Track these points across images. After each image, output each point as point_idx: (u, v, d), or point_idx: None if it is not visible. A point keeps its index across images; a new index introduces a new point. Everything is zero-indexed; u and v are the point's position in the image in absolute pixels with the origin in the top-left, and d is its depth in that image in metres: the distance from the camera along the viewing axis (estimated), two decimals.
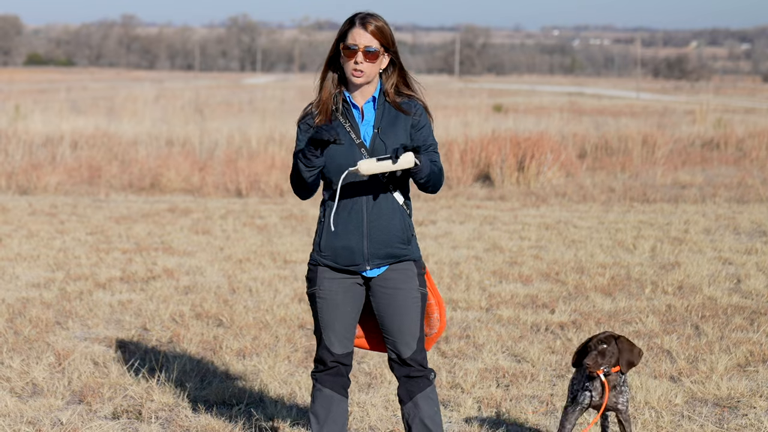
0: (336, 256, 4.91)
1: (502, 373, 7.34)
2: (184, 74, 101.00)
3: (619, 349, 5.49)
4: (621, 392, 5.53)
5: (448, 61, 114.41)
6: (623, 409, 5.53)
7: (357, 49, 4.83)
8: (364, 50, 4.83)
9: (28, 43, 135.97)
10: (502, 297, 9.66)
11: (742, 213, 15.12)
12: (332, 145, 4.81)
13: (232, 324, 8.70)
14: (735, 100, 50.30)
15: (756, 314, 9.04)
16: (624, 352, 5.49)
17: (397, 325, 4.96)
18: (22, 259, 11.46)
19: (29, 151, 20.48)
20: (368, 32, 4.84)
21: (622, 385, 5.53)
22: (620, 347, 5.49)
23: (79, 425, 6.26)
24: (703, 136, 24.94)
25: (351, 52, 4.84)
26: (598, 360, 5.44)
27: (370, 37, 4.84)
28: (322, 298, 4.96)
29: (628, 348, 5.50)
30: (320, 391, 5.06)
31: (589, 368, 5.42)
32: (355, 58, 4.83)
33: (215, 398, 6.81)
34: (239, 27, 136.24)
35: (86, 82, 69.86)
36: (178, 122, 26.21)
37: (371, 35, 4.84)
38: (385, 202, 4.89)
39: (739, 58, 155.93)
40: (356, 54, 4.83)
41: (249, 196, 17.27)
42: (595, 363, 5.43)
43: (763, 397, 6.83)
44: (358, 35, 4.84)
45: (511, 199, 16.87)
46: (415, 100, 4.98)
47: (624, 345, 5.50)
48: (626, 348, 5.50)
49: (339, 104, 4.93)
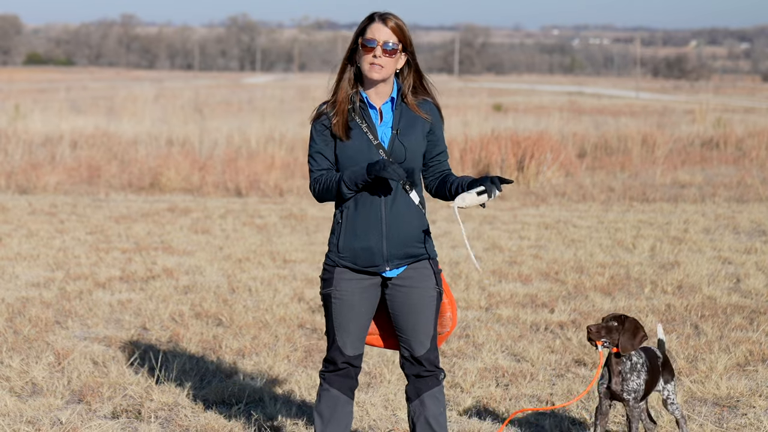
0: (355, 257, 4.91)
1: (502, 373, 7.34)
2: (183, 74, 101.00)
3: (624, 328, 5.41)
4: (626, 380, 5.44)
5: (447, 60, 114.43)
6: (628, 399, 5.44)
7: (376, 44, 4.83)
8: (383, 46, 4.83)
9: (27, 42, 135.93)
10: (502, 296, 9.66)
11: (742, 212, 15.12)
12: (350, 145, 4.84)
13: (232, 323, 8.70)
14: (734, 99, 50.30)
15: (755, 313, 9.04)
16: (625, 332, 5.41)
17: (412, 324, 4.97)
18: (21, 258, 11.46)
19: (29, 151, 20.48)
20: (388, 28, 4.85)
21: (629, 371, 5.44)
22: (625, 327, 5.41)
23: (79, 425, 6.26)
24: (703, 135, 24.94)
25: (369, 47, 4.84)
26: (601, 331, 5.41)
27: (390, 32, 4.84)
28: (338, 299, 4.96)
29: (631, 330, 5.41)
30: (327, 390, 5.06)
31: (589, 332, 5.40)
32: (374, 53, 4.83)
33: (215, 398, 6.80)
34: (239, 26, 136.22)
35: (86, 81, 69.85)
36: (178, 122, 26.23)
37: (391, 31, 4.84)
38: (402, 203, 4.90)
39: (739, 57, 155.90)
40: (375, 49, 4.83)
41: (248, 196, 17.27)
42: (597, 331, 5.40)
43: (763, 396, 6.83)
44: (377, 30, 4.84)
45: (511, 199, 16.87)
46: (429, 103, 4.99)
47: (628, 326, 5.41)
48: (629, 330, 5.41)
49: (356, 104, 4.92)
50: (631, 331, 5.41)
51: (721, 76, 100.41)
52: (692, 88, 67.82)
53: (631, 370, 5.45)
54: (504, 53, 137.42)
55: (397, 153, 4.87)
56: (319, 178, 4.91)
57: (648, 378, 5.51)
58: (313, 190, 4.93)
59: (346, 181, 4.79)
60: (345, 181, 4.80)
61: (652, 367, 5.56)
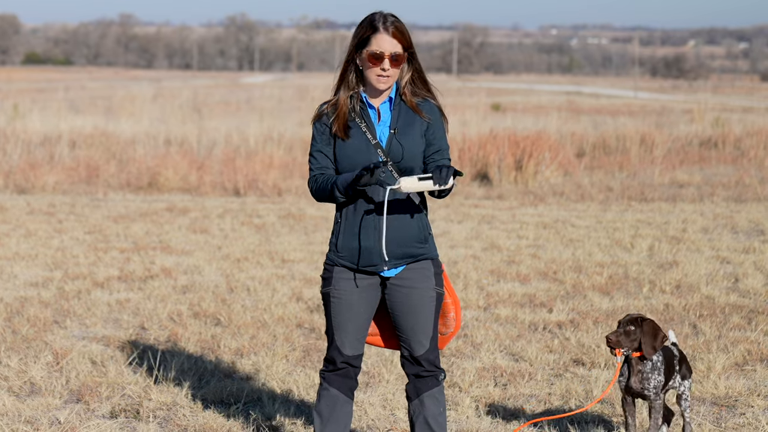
0: (353, 256, 4.91)
1: (500, 372, 7.34)
2: (182, 73, 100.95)
3: (643, 332, 5.46)
4: (647, 378, 5.51)
5: (446, 60, 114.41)
6: (650, 395, 5.53)
7: (384, 56, 4.79)
8: (390, 57, 4.80)
9: (26, 42, 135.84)
10: (500, 296, 9.67)
11: (740, 212, 15.13)
12: (349, 145, 4.83)
13: (230, 323, 8.70)
14: (733, 99, 50.30)
15: (754, 313, 9.05)
16: (646, 335, 5.45)
17: (411, 324, 4.97)
18: (20, 258, 11.45)
19: (27, 150, 20.47)
20: (392, 36, 4.80)
21: (650, 371, 5.51)
22: (644, 330, 5.46)
23: (77, 424, 6.26)
24: (701, 135, 24.94)
25: (377, 60, 4.80)
26: (620, 338, 5.46)
27: (395, 41, 4.80)
28: (337, 298, 4.96)
29: (651, 333, 5.46)
30: (327, 390, 5.06)
31: (609, 342, 5.46)
32: (382, 65, 4.80)
33: (213, 397, 6.80)
34: (237, 26, 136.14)
35: (84, 81, 69.81)
36: (176, 121, 26.22)
37: (395, 39, 4.80)
38: (402, 203, 4.89)
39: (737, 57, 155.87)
40: (383, 61, 4.80)
41: (247, 195, 17.27)
42: (617, 340, 5.45)
43: (761, 395, 6.83)
44: (383, 41, 4.80)
45: (509, 198, 16.87)
46: (430, 102, 4.96)
47: (647, 329, 5.46)
48: (649, 332, 5.46)
49: (356, 105, 4.91)
50: (651, 334, 5.47)
51: (720, 75, 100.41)
52: (690, 87, 67.82)
53: (652, 369, 5.54)
54: (502, 53, 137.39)
55: (395, 152, 4.86)
56: (317, 177, 4.92)
57: (666, 374, 5.62)
58: (310, 187, 4.95)
59: (339, 186, 4.80)
60: (338, 185, 4.80)
61: (668, 364, 5.65)
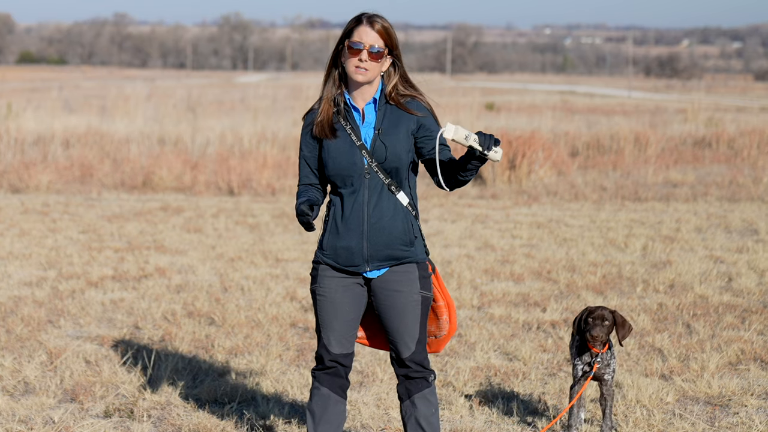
0: (336, 255, 4.92)
1: (494, 372, 7.35)
2: (176, 72, 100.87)
3: (617, 323, 5.79)
4: (608, 363, 5.78)
5: (440, 59, 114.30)
6: (608, 379, 5.76)
7: (362, 48, 4.82)
8: (369, 49, 4.83)
9: (20, 41, 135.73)
10: (494, 295, 9.67)
11: (734, 211, 15.15)
12: (334, 146, 4.86)
13: (224, 322, 8.70)
14: (726, 98, 50.37)
15: (747, 312, 9.06)
16: (620, 326, 5.79)
17: (396, 327, 4.96)
18: (14, 257, 11.45)
19: (21, 150, 20.45)
20: (375, 31, 4.84)
21: (611, 358, 5.79)
22: (617, 321, 5.79)
23: (71, 424, 6.26)
24: (695, 134, 24.97)
25: (355, 50, 4.83)
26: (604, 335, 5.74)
27: (376, 36, 4.84)
28: (322, 296, 4.97)
29: (622, 322, 5.80)
30: (318, 389, 5.06)
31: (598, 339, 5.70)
32: (360, 56, 4.83)
33: (207, 397, 6.81)
34: (231, 25, 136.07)
35: (78, 80, 69.76)
36: (171, 121, 26.17)
37: (377, 34, 4.84)
38: (387, 203, 4.88)
39: (731, 56, 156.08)
40: (361, 52, 4.82)
41: (241, 195, 17.27)
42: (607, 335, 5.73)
43: (755, 395, 6.85)
44: (364, 33, 4.84)
45: (503, 198, 16.89)
46: (418, 101, 4.97)
47: (620, 319, 5.80)
48: (621, 323, 5.80)
49: (340, 105, 4.93)
50: (622, 324, 5.81)
51: (713, 75, 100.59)
52: (684, 87, 67.92)
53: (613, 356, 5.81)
54: (496, 52, 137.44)
55: (378, 152, 4.87)
56: (300, 190, 5.02)
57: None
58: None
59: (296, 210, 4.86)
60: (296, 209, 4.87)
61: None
